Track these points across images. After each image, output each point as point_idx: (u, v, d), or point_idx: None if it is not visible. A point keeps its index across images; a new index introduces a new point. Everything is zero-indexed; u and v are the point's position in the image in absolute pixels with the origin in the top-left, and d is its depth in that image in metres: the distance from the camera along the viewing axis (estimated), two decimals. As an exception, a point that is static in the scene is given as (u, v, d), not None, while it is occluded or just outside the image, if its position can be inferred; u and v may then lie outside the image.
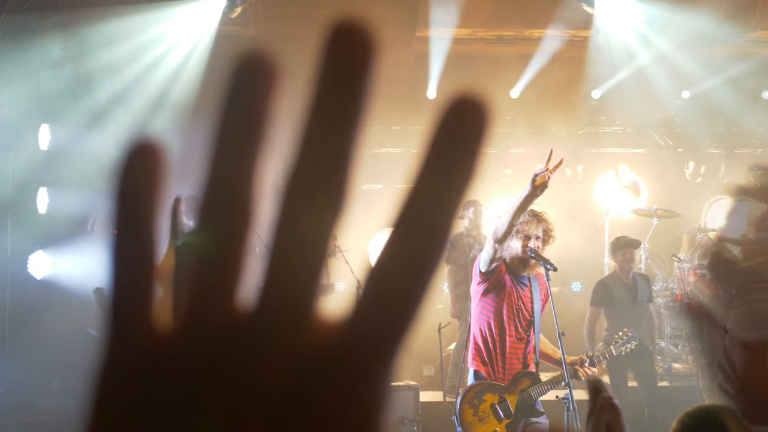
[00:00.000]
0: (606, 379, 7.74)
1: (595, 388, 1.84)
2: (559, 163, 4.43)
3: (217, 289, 0.34)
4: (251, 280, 0.34)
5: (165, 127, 8.93)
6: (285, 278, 0.33)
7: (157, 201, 0.35)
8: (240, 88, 0.34)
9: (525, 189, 4.46)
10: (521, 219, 4.75)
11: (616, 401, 1.82)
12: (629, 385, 7.46)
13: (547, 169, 4.41)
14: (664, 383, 8.30)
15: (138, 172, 0.35)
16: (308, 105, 0.34)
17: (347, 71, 0.33)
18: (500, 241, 4.75)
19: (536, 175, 4.43)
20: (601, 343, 7.85)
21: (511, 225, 4.66)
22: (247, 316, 0.34)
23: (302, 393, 0.33)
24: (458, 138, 0.33)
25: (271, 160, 0.34)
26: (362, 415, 0.33)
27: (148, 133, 0.36)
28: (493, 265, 4.88)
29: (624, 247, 7.51)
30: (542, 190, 4.44)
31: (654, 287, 8.52)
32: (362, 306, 0.34)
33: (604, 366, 7.68)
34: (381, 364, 0.33)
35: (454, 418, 5.00)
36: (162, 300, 0.36)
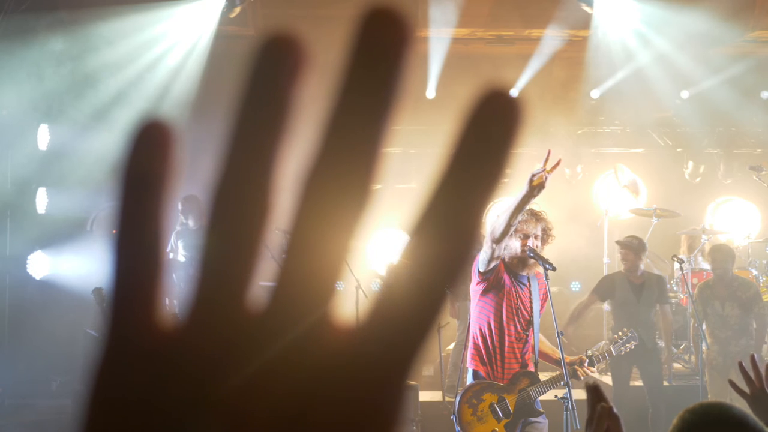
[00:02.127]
0: (608, 378, 7.75)
1: (595, 394, 1.85)
2: (557, 164, 4.43)
3: (227, 286, 0.33)
4: (264, 278, 0.33)
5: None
6: (299, 278, 0.32)
7: (165, 187, 0.33)
8: (264, 72, 0.32)
9: (522, 189, 4.46)
10: (519, 218, 4.75)
11: (616, 410, 1.82)
12: (632, 384, 7.47)
13: (545, 169, 4.41)
14: (664, 383, 8.30)
15: (146, 155, 0.33)
16: (335, 94, 0.32)
17: (380, 59, 0.31)
18: (497, 240, 4.75)
19: (533, 176, 4.42)
20: (603, 342, 7.87)
21: (509, 225, 4.66)
22: (258, 317, 0.32)
23: (312, 398, 0.32)
24: (488, 136, 0.32)
25: (292, 151, 0.33)
26: (375, 423, 0.32)
27: (158, 116, 0.34)
28: (492, 264, 4.88)
29: (622, 246, 7.56)
30: (539, 191, 4.44)
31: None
32: (379, 311, 0.32)
33: (603, 366, 7.71)
34: (397, 371, 0.32)
35: (452, 417, 5.00)
36: (164, 295, 0.34)
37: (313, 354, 0.32)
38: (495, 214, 4.84)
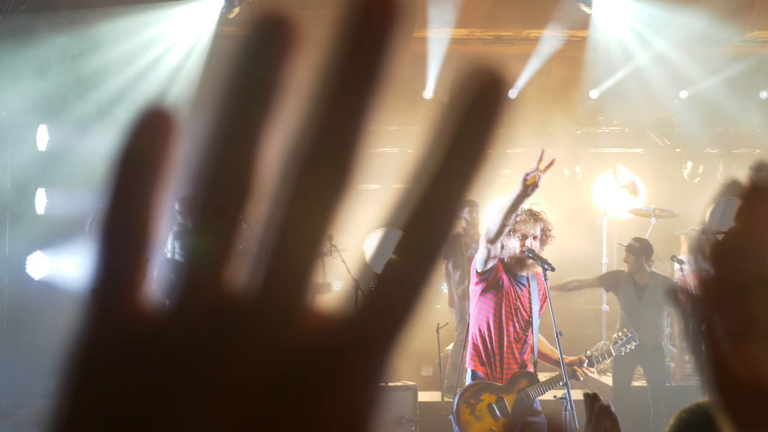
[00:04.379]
0: (608, 379, 7.76)
1: (593, 397, 1.85)
2: (551, 164, 4.42)
3: (207, 273, 0.32)
4: (244, 266, 0.33)
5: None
6: (277, 266, 0.32)
7: (161, 173, 0.33)
8: (253, 53, 0.32)
9: (516, 189, 4.46)
10: (515, 218, 4.75)
11: (613, 409, 1.82)
12: (633, 385, 7.48)
13: (538, 169, 4.40)
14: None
15: (145, 140, 0.33)
16: (320, 84, 0.31)
17: (370, 43, 0.31)
18: (492, 240, 4.75)
19: (527, 175, 4.42)
20: (603, 342, 7.89)
21: (503, 225, 4.65)
22: (236, 305, 0.32)
23: (289, 387, 0.32)
24: (470, 116, 0.31)
25: (276, 136, 0.32)
26: (350, 413, 0.32)
27: (161, 102, 0.34)
28: (489, 264, 4.88)
29: (624, 249, 7.64)
30: (533, 190, 4.42)
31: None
32: (359, 302, 0.32)
33: (605, 366, 7.71)
34: (373, 362, 0.32)
35: (451, 417, 5.00)
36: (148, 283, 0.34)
37: (290, 343, 0.32)
38: (491, 214, 4.84)
